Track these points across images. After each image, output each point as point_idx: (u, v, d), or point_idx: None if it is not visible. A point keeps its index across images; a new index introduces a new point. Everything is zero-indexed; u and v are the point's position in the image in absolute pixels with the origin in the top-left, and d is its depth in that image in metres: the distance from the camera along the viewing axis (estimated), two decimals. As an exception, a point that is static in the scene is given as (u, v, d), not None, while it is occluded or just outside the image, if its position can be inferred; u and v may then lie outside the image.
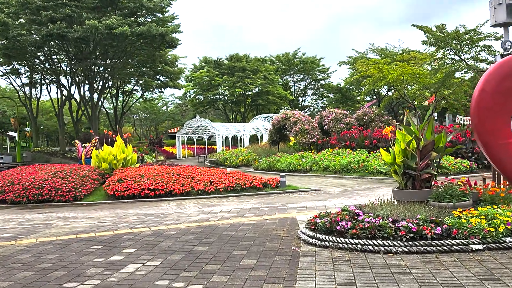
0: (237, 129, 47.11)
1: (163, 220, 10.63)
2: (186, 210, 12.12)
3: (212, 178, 15.22)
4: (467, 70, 22.76)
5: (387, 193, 13.53)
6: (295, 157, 22.48)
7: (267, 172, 22.42)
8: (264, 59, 62.17)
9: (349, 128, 25.41)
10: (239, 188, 14.66)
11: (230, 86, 55.85)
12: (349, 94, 41.92)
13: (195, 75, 57.56)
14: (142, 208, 12.98)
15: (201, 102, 60.52)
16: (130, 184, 14.43)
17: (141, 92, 45.43)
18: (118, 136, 17.88)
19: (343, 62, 41.34)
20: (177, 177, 15.27)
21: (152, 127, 73.64)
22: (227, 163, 28.13)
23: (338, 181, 17.30)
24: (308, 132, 25.20)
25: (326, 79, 63.98)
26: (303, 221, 9.48)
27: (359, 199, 12.59)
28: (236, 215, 10.87)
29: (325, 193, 14.40)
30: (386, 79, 24.38)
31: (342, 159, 19.36)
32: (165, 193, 14.34)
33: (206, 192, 14.52)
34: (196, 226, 9.52)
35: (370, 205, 8.37)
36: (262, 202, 12.92)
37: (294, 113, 26.73)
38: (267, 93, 57.58)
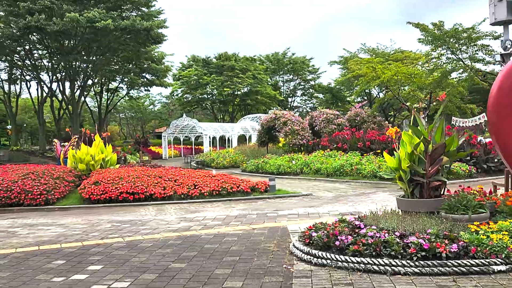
0: (225, 129, 46.08)
1: (140, 228, 9.58)
2: (167, 217, 11.07)
3: (197, 181, 14.19)
4: (463, 70, 21.99)
5: (384, 199, 12.63)
6: (284, 159, 21.52)
7: (255, 175, 21.42)
8: (254, 58, 61.19)
9: (341, 129, 24.53)
10: (225, 192, 13.64)
11: (219, 85, 54.80)
12: (340, 94, 41.09)
13: (183, 74, 56.39)
14: (118, 213, 11.91)
15: (188, 102, 59.36)
16: (107, 187, 13.34)
17: (127, 90, 44.13)
18: (97, 135, 16.73)
19: (334, 61, 40.55)
20: (159, 179, 14.21)
21: (139, 127, 72.25)
22: (213, 164, 27.10)
23: (331, 185, 16.37)
24: (298, 133, 24.27)
25: (315, 79, 63.30)
26: (295, 231, 8.51)
27: (355, 205, 11.66)
28: (221, 223, 9.86)
29: (317, 198, 13.44)
30: (379, 79, 23.53)
31: (335, 162, 18.44)
32: (145, 197, 13.27)
33: (190, 196, 13.49)
34: (175, 237, 8.49)
35: (371, 215, 7.41)
36: (250, 208, 11.92)
37: (284, 113, 25.78)
38: (256, 93, 56.64)
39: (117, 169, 15.64)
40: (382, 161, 17.36)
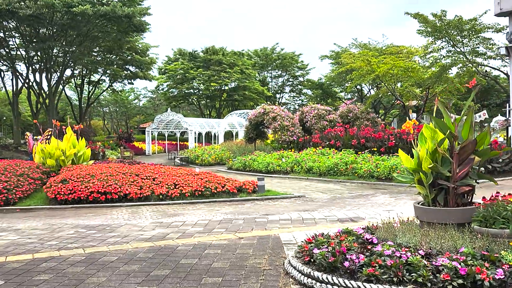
0: (211, 125, 44.65)
1: (108, 236, 8.17)
2: (141, 221, 9.67)
3: (177, 179, 12.78)
4: (462, 65, 20.83)
5: (385, 202, 11.37)
6: (274, 157, 20.20)
7: (242, 173, 20.07)
8: (242, 53, 59.76)
9: (333, 125, 23.28)
10: (208, 193, 12.26)
11: (206, 80, 53.31)
12: (330, 90, 39.88)
13: (169, 67, 54.79)
14: (86, 216, 10.47)
15: (174, 96, 57.77)
16: (76, 186, 11.88)
17: (109, 82, 42.35)
18: (69, 127, 15.21)
19: (325, 56, 39.25)
20: (136, 177, 12.78)
21: (123, 122, 70.38)
22: (198, 161, 25.69)
23: (324, 186, 15.08)
24: (288, 129, 22.95)
25: (304, 75, 62.08)
26: (289, 242, 7.19)
27: (354, 210, 10.36)
28: (203, 230, 8.50)
29: (311, 200, 12.13)
30: (374, 73, 22.28)
31: (328, 160, 17.16)
32: (118, 197, 11.83)
33: (169, 197, 12.08)
34: (147, 248, 7.11)
35: (385, 226, 6.10)
36: (236, 212, 10.56)
37: (273, 107, 24.43)
38: (244, 88, 55.28)
39: (90, 166, 14.17)
40: (379, 160, 16.13)
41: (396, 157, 16.34)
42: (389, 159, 16.09)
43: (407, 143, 17.73)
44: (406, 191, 13.27)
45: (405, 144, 17.77)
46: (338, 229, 6.70)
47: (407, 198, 11.85)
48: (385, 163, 15.17)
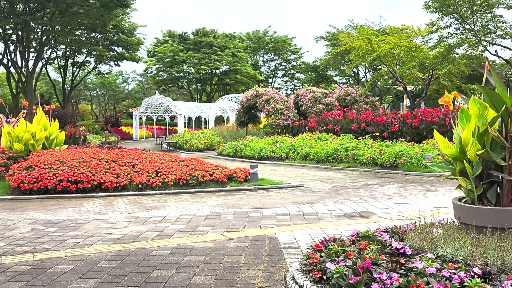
0: (202, 109, 43.08)
1: (69, 235, 6.74)
2: (113, 216, 8.24)
3: (160, 167, 11.34)
4: (469, 45, 19.42)
5: (395, 193, 10.02)
6: (267, 142, 18.79)
7: (233, 159, 18.67)
8: (233, 35, 57.96)
9: (330, 109, 21.88)
10: (194, 181, 10.84)
11: (196, 63, 51.58)
12: (325, 73, 38.37)
13: (158, 50, 52.91)
14: (51, 210, 9.01)
15: (164, 80, 55.96)
16: (43, 174, 10.39)
17: (94, 64, 40.44)
18: (39, 108, 13.64)
19: (321, 37, 37.63)
20: (112, 164, 11.32)
21: (112, 106, 68.47)
22: (186, 146, 24.22)
23: (324, 174, 13.71)
24: (282, 112, 21.50)
25: (297, 59, 60.52)
26: (290, 246, 5.82)
27: (361, 202, 8.99)
28: (185, 227, 7.10)
29: (310, 190, 10.75)
30: (375, 53, 20.82)
31: (326, 146, 15.77)
32: (91, 186, 10.37)
33: (150, 186, 10.65)
34: (114, 253, 5.70)
35: (418, 230, 4.73)
36: (226, 204, 9.16)
37: (266, 90, 22.95)
38: (235, 71, 53.62)
39: (62, 151, 12.66)
40: (382, 146, 14.77)
41: (401, 142, 15.01)
42: (394, 145, 14.75)
43: (412, 128, 16.40)
44: (415, 180, 11.94)
45: (410, 129, 16.43)
46: (352, 231, 5.33)
47: (418, 189, 10.52)
48: (390, 149, 13.82)
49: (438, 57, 19.26)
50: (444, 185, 11.01)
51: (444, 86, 24.14)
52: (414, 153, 13.26)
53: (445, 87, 24.15)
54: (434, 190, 10.29)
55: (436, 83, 23.61)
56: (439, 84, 23.92)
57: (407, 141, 15.48)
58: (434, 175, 12.43)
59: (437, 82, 23.70)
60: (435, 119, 15.64)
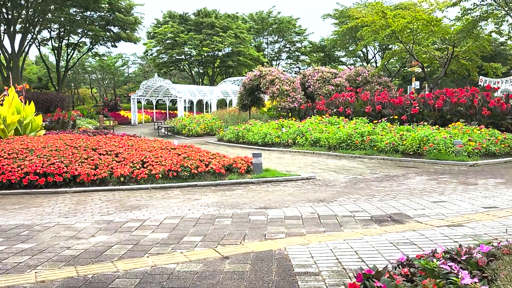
0: (203, 92, 41.33)
1: (13, 250, 5.13)
2: (82, 219, 6.60)
3: (147, 155, 9.68)
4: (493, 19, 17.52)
5: (426, 187, 8.33)
6: (272, 126, 17.09)
7: (235, 145, 17.01)
8: (236, 16, 55.85)
9: (340, 90, 20.11)
10: (187, 173, 9.17)
11: (197, 44, 49.65)
12: (333, 54, 36.44)
13: (158, 31, 50.96)
14: (8, 210, 7.38)
15: (164, 62, 54.11)
16: (6, 165, 8.74)
17: (90, 45, 38.61)
18: (11, 88, 11.94)
19: (328, 15, 35.64)
20: (92, 153, 9.67)
21: (112, 90, 66.73)
22: (185, 131, 22.58)
23: (337, 162, 12.00)
24: (288, 94, 19.75)
25: (302, 41, 58.49)
26: (308, 272, 4.18)
27: (387, 199, 7.31)
28: (168, 237, 5.47)
29: (324, 184, 9.07)
30: (390, 28, 18.95)
31: (339, 131, 14.06)
32: (64, 180, 8.73)
33: (134, 179, 9.00)
34: (61, 282, 4.07)
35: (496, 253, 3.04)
36: (223, 203, 7.51)
37: (271, 69, 21.17)
38: (238, 53, 51.68)
39: (36, 138, 10.99)
40: (403, 131, 13.05)
41: (424, 126, 13.28)
42: (416, 129, 13.02)
43: (435, 110, 14.64)
44: (445, 170, 10.24)
45: (432, 111, 14.67)
46: (401, 257, 3.64)
47: (453, 182, 8.83)
48: (413, 135, 12.10)
49: (463, 32, 17.38)
50: (482, 176, 9.31)
51: (463, 66, 22.28)
52: (441, 139, 11.54)
53: (464, 66, 22.31)
54: (472, 184, 8.59)
55: (454, 62, 21.74)
56: (457, 63, 22.05)
57: (429, 124, 13.76)
58: (467, 164, 10.73)
59: (455, 61, 21.82)
60: (462, 100, 13.88)
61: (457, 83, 47.70)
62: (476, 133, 12.13)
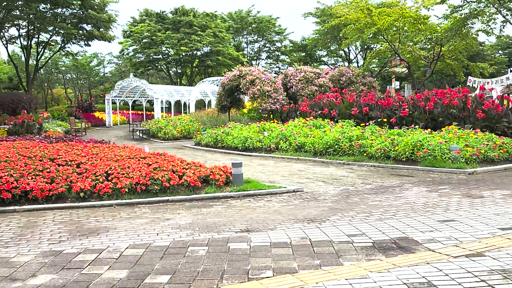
0: (181, 93, 40.02)
1: None
2: (24, 251, 5.46)
3: (113, 166, 8.54)
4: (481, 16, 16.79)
5: (428, 201, 7.39)
6: (252, 129, 16.07)
7: (213, 150, 15.94)
8: (215, 14, 54.63)
9: (324, 91, 19.19)
10: (158, 186, 8.06)
11: (175, 43, 48.30)
12: (314, 53, 35.60)
13: (134, 30, 49.43)
14: None
15: (141, 62, 52.57)
16: None
17: (61, 43, 36.88)
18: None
19: (309, 13, 34.72)
20: (49, 164, 8.48)
21: (87, 90, 64.74)
22: (161, 134, 21.39)
23: (325, 170, 11.02)
24: (269, 95, 18.74)
25: (282, 41, 57.66)
26: None
27: (386, 218, 6.33)
28: (126, 277, 4.40)
29: (313, 197, 8.07)
30: (376, 26, 18.11)
31: (325, 135, 13.10)
32: (13, 196, 7.53)
33: (97, 194, 7.85)
34: None
35: None
36: (198, 225, 6.43)
37: (251, 69, 20.13)
38: (217, 53, 50.48)
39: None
40: (393, 135, 12.17)
41: (415, 130, 12.42)
42: (407, 133, 12.15)
43: (425, 112, 13.81)
44: (444, 179, 9.35)
45: (423, 114, 13.84)
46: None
47: (455, 194, 7.93)
48: (405, 140, 11.20)
49: (452, 30, 16.61)
50: (486, 187, 8.43)
51: (448, 65, 21.61)
52: (436, 144, 10.67)
53: (450, 66, 21.64)
54: (478, 196, 7.70)
55: (439, 62, 21.02)
56: (443, 63, 21.37)
57: (420, 128, 12.90)
58: (465, 172, 9.86)
59: (441, 61, 21.12)
60: (454, 102, 13.06)
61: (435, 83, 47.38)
62: (472, 138, 11.30)
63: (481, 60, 44.30)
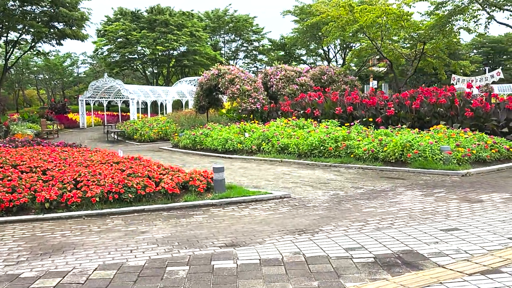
0: (158, 93, 39.07)
1: None
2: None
3: (83, 172, 7.79)
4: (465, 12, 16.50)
5: (425, 206, 6.88)
6: (233, 130, 15.41)
7: (191, 153, 15.24)
8: (191, 13, 53.73)
9: (305, 90, 18.67)
10: (132, 195, 7.35)
11: (151, 43, 47.27)
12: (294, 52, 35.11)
13: (108, 29, 48.19)
14: None
15: (116, 62, 51.35)
16: None
17: (32, 42, 35.49)
18: None
19: (288, 11, 34.21)
20: (11, 171, 7.69)
21: (60, 91, 62.99)
22: (136, 136, 20.56)
23: (311, 173, 10.44)
24: (249, 94, 18.11)
25: (260, 40, 57.12)
26: None
27: (385, 228, 5.78)
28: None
29: (302, 204, 7.47)
30: (358, 23, 17.66)
31: (310, 136, 12.53)
32: (-31, 209, 6.73)
33: (64, 204, 7.10)
34: None
35: None
36: (177, 238, 5.76)
37: (230, 68, 19.46)
38: (194, 52, 49.62)
39: None
40: (381, 135, 11.68)
41: (403, 130, 11.97)
42: (394, 133, 11.68)
43: (412, 111, 13.39)
44: (437, 182, 8.87)
45: (409, 113, 13.42)
46: None
47: (452, 198, 7.44)
48: (394, 140, 10.71)
49: (435, 27, 16.25)
50: (482, 190, 7.98)
51: (429, 64, 21.35)
52: (427, 144, 10.21)
53: (431, 65, 21.38)
54: (476, 201, 7.22)
55: (421, 60, 20.75)
56: (424, 61, 21.09)
57: (407, 127, 12.46)
58: (458, 174, 9.42)
59: (422, 59, 20.85)
60: (441, 100, 12.67)
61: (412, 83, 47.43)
62: (462, 137, 10.89)
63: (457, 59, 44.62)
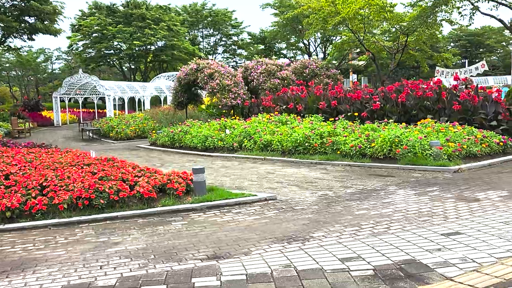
0: (135, 89, 38.08)
1: None
2: None
3: (49, 176, 7.13)
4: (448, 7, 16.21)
5: (421, 207, 6.43)
6: (213, 127, 14.81)
7: (170, 151, 14.61)
8: (169, 7, 52.70)
9: (287, 84, 18.16)
10: (104, 200, 6.72)
11: (127, 37, 46.16)
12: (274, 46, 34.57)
13: (83, 23, 46.88)
14: None
15: (91, 58, 50.06)
16: None
17: (1, 37, 34.17)
18: None
19: (268, 4, 33.60)
20: (-31, 176, 6.96)
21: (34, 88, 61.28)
22: (112, 134, 19.80)
23: (296, 172, 9.92)
24: (230, 89, 17.50)
25: (239, 34, 56.44)
26: None
27: (381, 233, 5.29)
28: None
29: (290, 207, 6.95)
30: (340, 15, 17.22)
31: (294, 132, 12.01)
32: None
33: (28, 212, 6.43)
34: None
35: None
36: (153, 250, 5.18)
37: (209, 62, 18.81)
38: (172, 47, 48.65)
39: None
40: (368, 130, 11.24)
41: (390, 124, 11.56)
42: (381, 128, 11.26)
43: (398, 105, 12.99)
44: (429, 179, 8.44)
45: (395, 107, 13.02)
46: None
47: (448, 197, 7.01)
48: (382, 135, 10.27)
49: (419, 18, 15.88)
50: (477, 187, 7.58)
51: (412, 56, 21.06)
52: (416, 140, 9.80)
53: (414, 57, 21.09)
54: (473, 199, 6.81)
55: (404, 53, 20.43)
56: (406, 54, 20.78)
57: (394, 122, 12.06)
58: (450, 170, 9.02)
59: (405, 52, 20.53)
60: (428, 94, 12.29)
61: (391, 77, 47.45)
62: (452, 132, 10.52)
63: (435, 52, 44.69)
